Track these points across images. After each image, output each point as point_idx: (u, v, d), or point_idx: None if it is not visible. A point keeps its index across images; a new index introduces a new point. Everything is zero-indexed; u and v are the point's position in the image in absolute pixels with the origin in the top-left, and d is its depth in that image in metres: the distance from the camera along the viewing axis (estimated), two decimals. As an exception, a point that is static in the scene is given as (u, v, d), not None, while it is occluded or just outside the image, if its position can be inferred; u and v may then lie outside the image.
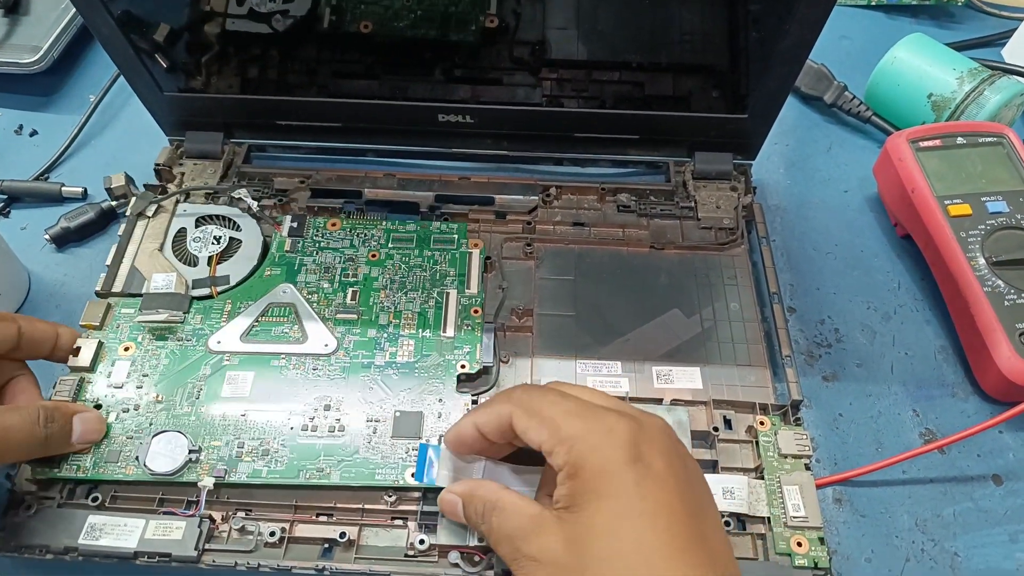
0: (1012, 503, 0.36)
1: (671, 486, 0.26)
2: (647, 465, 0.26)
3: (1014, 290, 0.38)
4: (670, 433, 0.28)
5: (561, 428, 0.27)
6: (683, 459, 0.27)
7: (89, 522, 0.32)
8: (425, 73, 0.43)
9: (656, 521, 0.25)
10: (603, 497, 0.25)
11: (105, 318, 0.38)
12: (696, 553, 0.25)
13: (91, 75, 0.53)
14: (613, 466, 0.26)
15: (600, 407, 0.28)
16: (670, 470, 0.26)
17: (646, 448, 0.26)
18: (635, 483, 0.25)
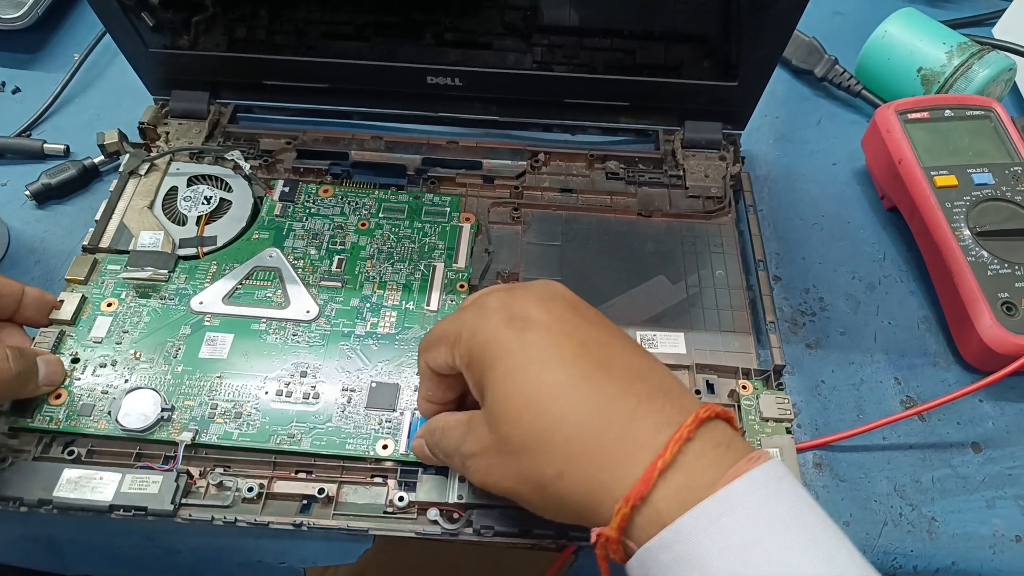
0: (990, 470, 0.36)
1: (556, 329, 0.25)
2: (524, 319, 0.25)
3: (997, 260, 0.38)
4: (550, 285, 0.27)
5: (449, 335, 0.27)
6: (568, 303, 0.27)
7: (65, 475, 0.31)
8: (415, 36, 0.42)
9: (548, 363, 0.24)
10: (494, 367, 0.25)
11: (90, 273, 0.37)
12: (604, 377, 0.24)
13: (76, 33, 0.53)
14: (492, 335, 0.25)
15: (478, 297, 0.28)
16: (552, 315, 0.25)
17: (520, 306, 0.26)
18: (516, 339, 0.25)
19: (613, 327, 0.27)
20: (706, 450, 0.22)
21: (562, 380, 0.24)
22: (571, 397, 0.23)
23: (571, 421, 0.23)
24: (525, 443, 0.24)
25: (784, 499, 0.22)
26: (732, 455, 0.22)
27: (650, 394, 0.24)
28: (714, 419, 0.23)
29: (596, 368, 0.24)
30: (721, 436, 0.23)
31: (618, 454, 0.22)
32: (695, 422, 0.22)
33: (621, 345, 0.26)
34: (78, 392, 0.34)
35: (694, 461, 0.22)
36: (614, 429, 0.23)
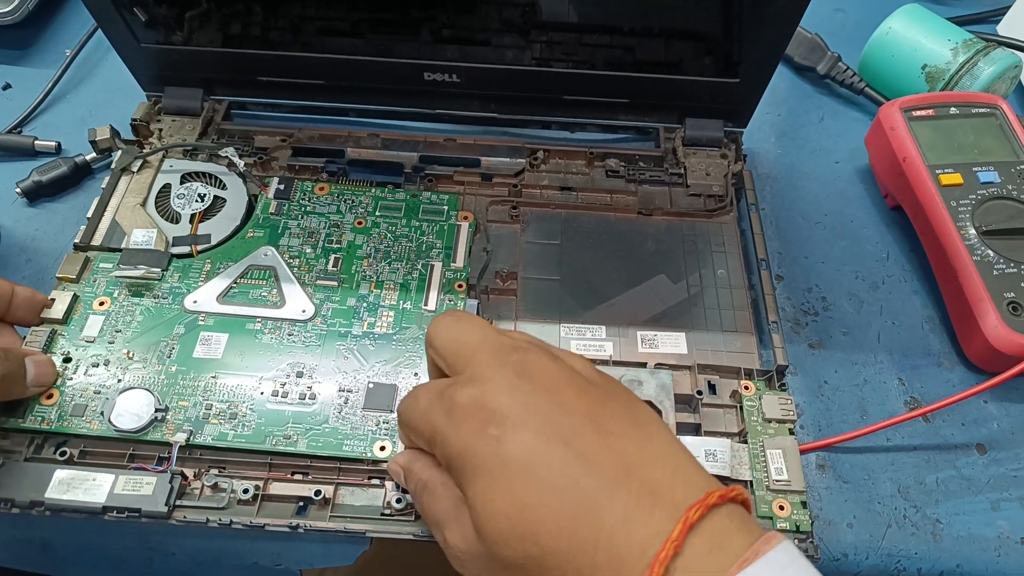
0: (995, 472, 0.36)
1: (535, 429, 0.23)
2: (500, 424, 0.23)
3: (1003, 259, 0.38)
4: (525, 363, 0.25)
5: (423, 432, 0.25)
6: (547, 388, 0.24)
7: (57, 476, 0.31)
8: (412, 32, 0.42)
9: (530, 479, 0.23)
10: (472, 482, 0.23)
11: (82, 272, 0.37)
12: (592, 480, 0.22)
13: (67, 28, 0.52)
14: (465, 447, 0.24)
15: (444, 389, 0.25)
16: (529, 412, 0.24)
17: (493, 404, 0.24)
18: (493, 453, 0.23)
19: (596, 397, 0.25)
20: (699, 558, 0.21)
21: (546, 501, 0.22)
22: (558, 520, 0.22)
23: (561, 545, 0.22)
24: (515, 563, 0.23)
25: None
26: (726, 557, 0.21)
27: (640, 497, 0.22)
28: (709, 513, 0.22)
29: (583, 473, 0.22)
30: (715, 535, 0.22)
31: (606, 572, 0.21)
32: (683, 531, 0.21)
33: (607, 431, 0.24)
34: (70, 392, 0.33)
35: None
36: (603, 548, 0.22)
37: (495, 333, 0.27)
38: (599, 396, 0.25)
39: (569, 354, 0.27)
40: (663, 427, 0.25)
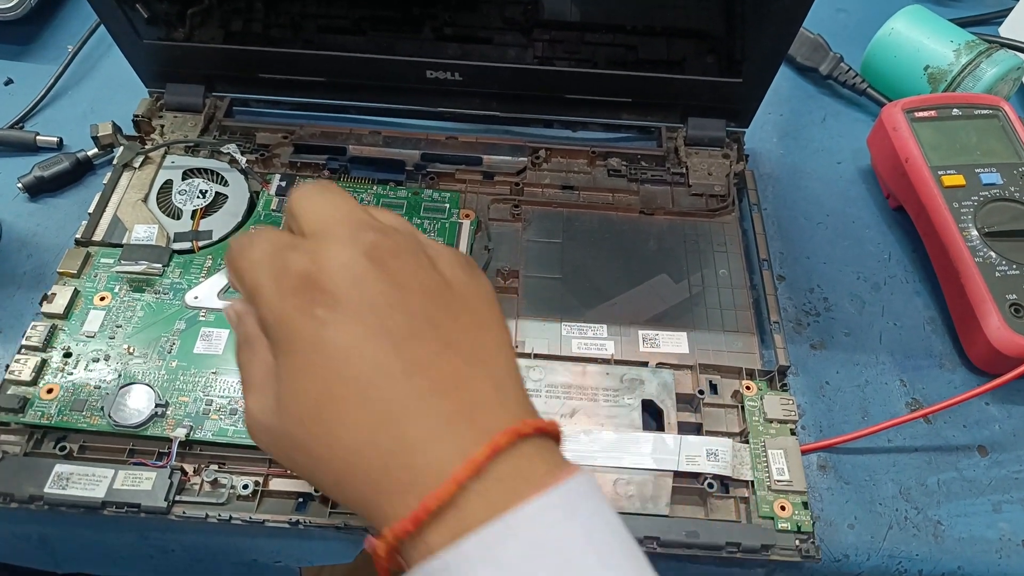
0: (997, 473, 0.35)
1: (365, 321, 0.21)
2: (330, 307, 0.21)
3: (1005, 261, 0.38)
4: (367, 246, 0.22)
5: (246, 283, 0.23)
6: (391, 279, 0.22)
7: (56, 471, 0.31)
8: (414, 30, 0.42)
9: (344, 370, 0.21)
10: (285, 354, 0.22)
11: (83, 267, 0.37)
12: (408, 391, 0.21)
13: (70, 24, 0.52)
14: (284, 317, 0.22)
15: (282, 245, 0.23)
16: (364, 301, 0.21)
17: (327, 282, 0.22)
18: (313, 333, 0.21)
19: (446, 308, 0.23)
20: (493, 482, 0.20)
21: (354, 393, 0.21)
22: (360, 415, 0.21)
23: (356, 440, 0.21)
24: (307, 447, 0.22)
25: (580, 520, 0.20)
26: (529, 485, 0.20)
27: (453, 415, 0.21)
28: (518, 442, 0.21)
29: (400, 378, 0.21)
30: (521, 462, 0.21)
31: (397, 482, 0.20)
32: (488, 455, 0.20)
33: (445, 342, 0.22)
34: (70, 387, 0.33)
35: (475, 498, 0.20)
36: (401, 456, 0.21)
37: (360, 209, 0.24)
38: (453, 304, 0.23)
39: (445, 249, 0.25)
40: (507, 356, 0.23)
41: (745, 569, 0.34)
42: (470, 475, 0.20)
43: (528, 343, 0.36)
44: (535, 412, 0.23)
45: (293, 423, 0.22)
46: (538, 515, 0.20)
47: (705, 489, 0.32)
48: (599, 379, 0.35)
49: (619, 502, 0.32)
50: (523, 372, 0.34)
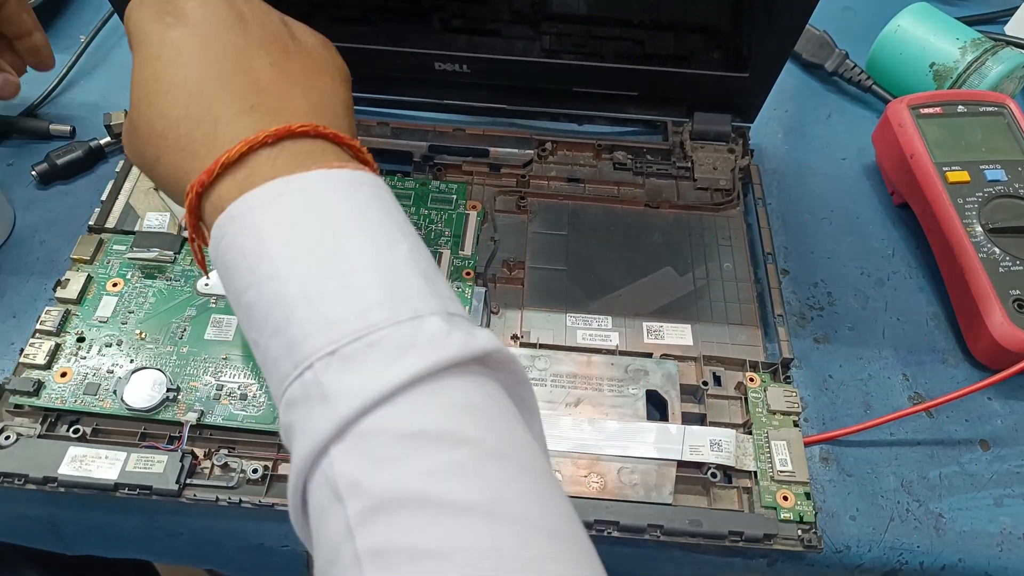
0: (998, 468, 0.36)
1: (203, 31, 0.25)
2: (178, 16, 0.26)
3: (1009, 257, 0.38)
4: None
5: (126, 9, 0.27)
6: (236, 6, 0.26)
7: (70, 453, 0.31)
8: (423, 22, 0.42)
9: (175, 63, 0.25)
10: (136, 52, 0.26)
11: (96, 253, 0.37)
12: (222, 84, 0.24)
13: (82, 14, 0.52)
14: (139, 23, 0.26)
15: None
16: (207, 17, 0.26)
17: (180, 1, 0.26)
18: (158, 34, 0.25)
19: (281, 46, 0.27)
20: (284, 155, 0.23)
21: (180, 80, 0.25)
22: (180, 95, 0.24)
23: (173, 116, 0.24)
24: (137, 127, 0.26)
25: (360, 197, 0.23)
26: (316, 164, 0.23)
27: (260, 107, 0.24)
28: (315, 136, 0.24)
29: (219, 75, 0.25)
30: (314, 149, 0.24)
31: (201, 149, 0.24)
32: (280, 131, 0.23)
33: (271, 63, 0.26)
34: (83, 371, 0.34)
35: (264, 161, 0.23)
36: (206, 128, 0.24)
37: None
38: (292, 51, 0.27)
39: (304, 25, 0.29)
40: (337, 101, 0.27)
41: (747, 559, 0.34)
42: (261, 142, 0.23)
43: (533, 333, 0.37)
44: (353, 149, 0.26)
45: (132, 109, 0.26)
46: (318, 182, 0.23)
47: (708, 479, 0.33)
48: (604, 369, 0.35)
49: (623, 491, 0.32)
50: (529, 361, 0.35)
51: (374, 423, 0.19)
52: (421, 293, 0.22)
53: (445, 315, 0.21)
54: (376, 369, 0.20)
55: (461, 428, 0.20)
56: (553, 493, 0.21)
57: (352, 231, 0.22)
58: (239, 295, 0.23)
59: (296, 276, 0.21)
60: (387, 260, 0.22)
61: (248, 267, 0.22)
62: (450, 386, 0.20)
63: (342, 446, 0.19)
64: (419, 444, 0.19)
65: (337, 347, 0.20)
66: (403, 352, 0.20)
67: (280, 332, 0.21)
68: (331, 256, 0.22)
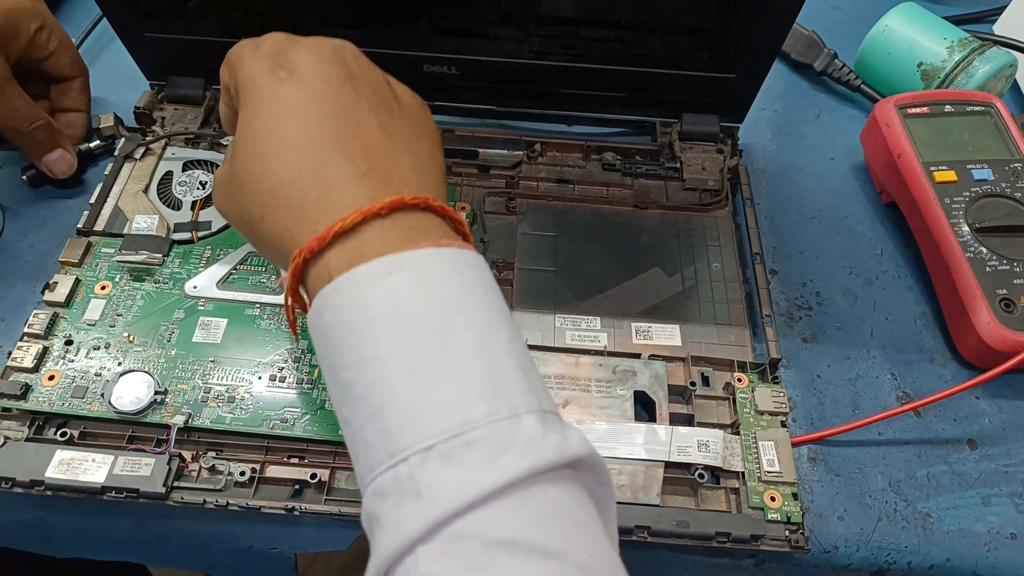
0: (986, 467, 0.36)
1: (316, 89, 0.25)
2: (291, 71, 0.26)
3: (996, 256, 0.38)
4: (344, 46, 0.27)
5: (231, 57, 0.27)
6: (347, 69, 0.26)
7: (57, 456, 0.31)
8: (411, 24, 0.42)
9: (288, 119, 0.25)
10: (246, 107, 0.26)
11: (85, 256, 0.38)
12: (335, 147, 0.24)
13: (72, 17, 0.52)
14: (252, 76, 0.26)
15: (271, 38, 0.27)
16: (320, 75, 0.26)
17: (294, 55, 0.26)
18: (271, 88, 0.25)
19: (388, 108, 0.27)
20: (395, 228, 0.23)
21: (292, 138, 0.25)
22: (293, 156, 0.24)
23: (284, 175, 0.24)
24: (243, 182, 0.25)
25: (464, 278, 0.23)
26: (426, 239, 0.23)
27: (372, 174, 0.24)
28: (424, 209, 0.24)
29: (333, 137, 0.25)
30: (423, 223, 0.24)
31: (312, 213, 0.24)
32: (394, 203, 0.23)
33: (379, 125, 0.26)
34: (71, 374, 0.34)
35: (376, 234, 0.23)
36: (318, 192, 0.24)
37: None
38: (397, 111, 0.27)
39: (404, 85, 0.29)
40: (436, 165, 0.27)
41: (735, 559, 0.34)
42: (375, 212, 0.23)
43: (522, 334, 0.37)
44: (456, 222, 0.26)
45: (238, 163, 0.26)
46: (427, 261, 0.23)
47: (696, 480, 0.33)
48: (592, 370, 0.35)
49: (610, 491, 0.32)
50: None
51: (465, 527, 0.19)
52: (519, 388, 0.21)
53: (540, 413, 0.21)
54: (472, 470, 0.20)
55: (551, 540, 0.20)
56: None
57: (457, 317, 0.22)
58: (337, 372, 0.22)
59: (400, 362, 0.21)
60: (488, 348, 0.22)
61: (351, 345, 0.22)
62: (542, 493, 0.20)
63: (431, 547, 0.19)
64: (510, 554, 0.19)
65: (435, 443, 0.20)
66: (500, 454, 0.20)
67: (376, 417, 0.21)
68: (436, 343, 0.21)
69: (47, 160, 0.40)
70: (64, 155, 0.41)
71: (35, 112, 0.39)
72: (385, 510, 0.20)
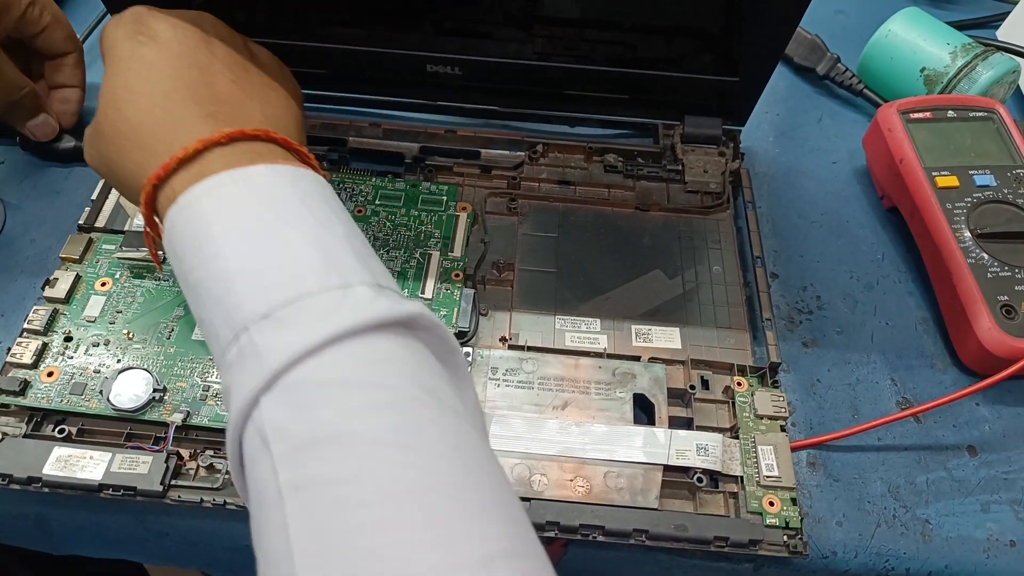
0: (986, 474, 0.36)
1: (173, 50, 0.28)
2: (151, 36, 0.28)
3: (997, 263, 0.38)
4: (204, 16, 0.31)
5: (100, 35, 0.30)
6: (203, 37, 0.29)
7: (55, 453, 0.31)
8: (415, 24, 0.42)
9: (145, 76, 0.27)
10: (107, 67, 0.29)
11: (85, 253, 0.38)
12: (187, 97, 0.27)
13: (76, 13, 0.52)
14: (114, 40, 0.29)
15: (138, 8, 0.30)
16: (178, 40, 0.28)
17: (155, 23, 0.29)
18: (130, 51, 0.28)
19: (243, 65, 0.30)
20: (235, 153, 0.25)
21: (148, 90, 0.27)
22: (145, 103, 0.27)
23: (137, 119, 0.27)
24: (102, 130, 0.28)
25: (298, 188, 0.25)
26: (263, 160, 0.25)
27: (218, 115, 0.27)
28: (267, 141, 0.26)
29: (184, 87, 0.27)
30: (263, 150, 0.26)
31: (160, 147, 0.26)
32: (234, 133, 0.26)
33: (231, 79, 0.29)
34: (70, 371, 0.34)
35: (216, 158, 0.25)
36: (166, 130, 0.26)
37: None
38: (252, 70, 0.31)
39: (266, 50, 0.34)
40: (289, 115, 0.31)
41: (733, 563, 0.34)
42: (215, 141, 0.25)
43: (522, 335, 0.37)
44: (302, 155, 0.28)
45: (100, 115, 0.28)
46: (262, 174, 0.25)
47: (694, 483, 0.33)
48: (591, 372, 0.35)
49: (609, 495, 0.32)
50: (516, 364, 0.35)
51: (300, 374, 0.21)
52: (352, 268, 0.23)
53: (375, 286, 0.23)
54: (305, 327, 0.21)
55: (382, 377, 0.22)
56: (472, 438, 0.22)
57: (290, 214, 0.24)
58: (187, 277, 0.24)
59: (236, 253, 0.23)
60: (322, 239, 0.24)
61: (194, 251, 0.24)
62: (373, 344, 0.22)
63: (270, 396, 0.21)
64: (341, 390, 0.21)
65: (271, 311, 0.22)
66: (331, 313, 0.22)
67: (220, 304, 0.23)
68: (269, 235, 0.24)
69: (31, 125, 0.41)
70: (47, 119, 0.42)
71: (22, 80, 0.40)
72: (233, 377, 0.22)
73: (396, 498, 0.19)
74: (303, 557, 0.19)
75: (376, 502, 0.19)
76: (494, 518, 0.20)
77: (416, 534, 0.19)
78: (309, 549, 0.19)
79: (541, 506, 0.31)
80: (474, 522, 0.20)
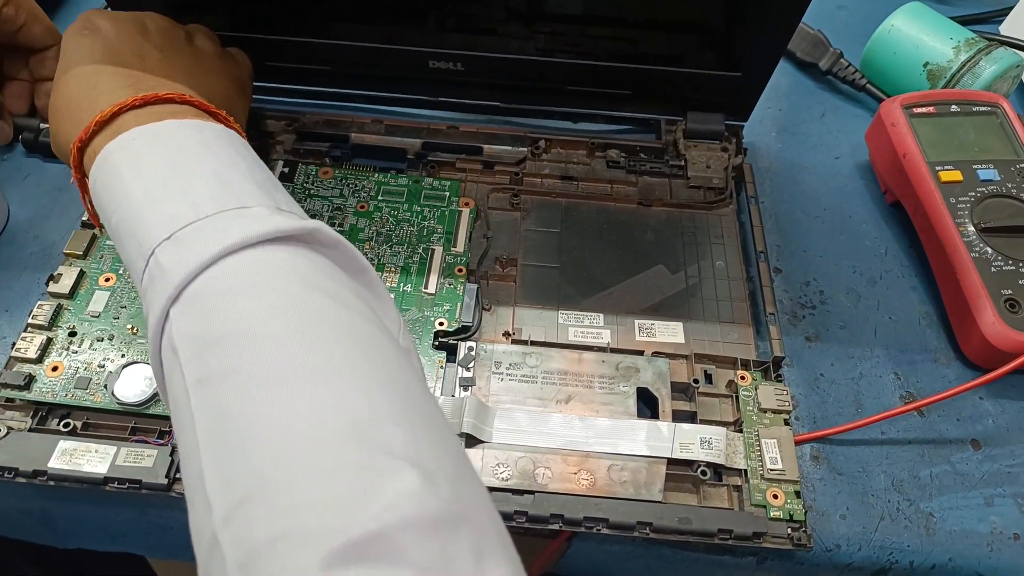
0: (989, 467, 0.36)
1: (109, 41, 0.31)
2: (92, 30, 0.32)
3: (1001, 257, 0.38)
4: (151, 16, 0.34)
5: None
6: (143, 31, 0.33)
7: (60, 447, 0.31)
8: (418, 20, 0.42)
9: (80, 60, 0.31)
10: (60, 60, 0.31)
11: (89, 248, 0.38)
12: (114, 75, 0.30)
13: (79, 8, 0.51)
14: (66, 38, 0.32)
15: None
16: (117, 33, 0.32)
17: (96, 20, 0.32)
18: (75, 42, 0.32)
19: (176, 49, 0.34)
20: (148, 113, 0.28)
21: (80, 71, 0.30)
22: (77, 80, 0.30)
23: (68, 94, 0.30)
24: (50, 113, 0.31)
25: (203, 135, 0.27)
26: (174, 117, 0.27)
27: (139, 85, 0.29)
28: (181, 103, 0.29)
29: (112, 65, 0.30)
30: (176, 110, 0.28)
31: (85, 116, 0.28)
32: (148, 97, 0.28)
33: (160, 59, 0.32)
34: (75, 365, 0.34)
35: (131, 118, 0.27)
36: (90, 101, 0.29)
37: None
38: (189, 54, 0.34)
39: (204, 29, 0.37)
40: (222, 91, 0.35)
41: (737, 556, 0.34)
42: (130, 104, 0.28)
43: (525, 330, 0.37)
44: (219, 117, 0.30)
45: (54, 94, 0.31)
46: (169, 128, 0.27)
47: (698, 476, 0.33)
48: (595, 367, 0.35)
49: (613, 488, 0.32)
50: (520, 358, 0.35)
51: (201, 285, 0.23)
52: (251, 193, 0.25)
53: (274, 208, 0.25)
54: (202, 244, 0.23)
55: (278, 281, 0.23)
56: (370, 330, 0.23)
57: (192, 154, 0.26)
58: (109, 223, 0.27)
59: (143, 190, 0.25)
60: (222, 172, 0.26)
61: (110, 198, 0.26)
62: (272, 254, 0.24)
63: (176, 307, 0.23)
64: (239, 295, 0.23)
65: (173, 233, 0.24)
66: (226, 229, 0.24)
67: (133, 236, 0.25)
68: (173, 173, 0.26)
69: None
70: (1, 126, 0.43)
71: None
72: (149, 297, 0.24)
73: (289, 380, 0.21)
74: (206, 443, 0.21)
75: (269, 384, 0.21)
76: (388, 391, 0.21)
77: (302, 408, 0.21)
78: (210, 436, 0.21)
79: (545, 499, 0.31)
80: (363, 393, 0.21)
